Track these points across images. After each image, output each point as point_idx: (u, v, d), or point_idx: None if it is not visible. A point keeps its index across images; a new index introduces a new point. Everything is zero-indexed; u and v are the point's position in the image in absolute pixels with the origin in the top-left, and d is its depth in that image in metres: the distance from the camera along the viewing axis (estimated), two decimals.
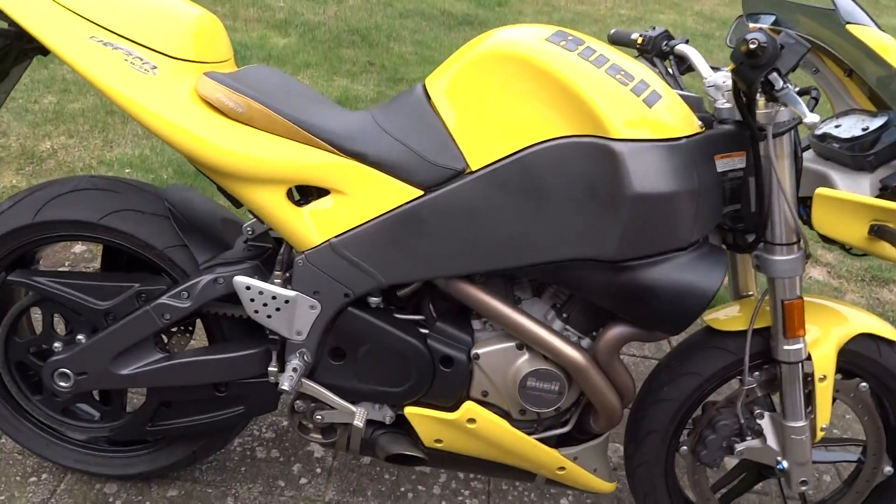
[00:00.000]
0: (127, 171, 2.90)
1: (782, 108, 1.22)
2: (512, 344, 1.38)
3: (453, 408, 1.42)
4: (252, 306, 1.37)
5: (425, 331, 1.42)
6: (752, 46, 1.07)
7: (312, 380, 1.42)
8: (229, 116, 1.29)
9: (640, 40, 1.58)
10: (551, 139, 1.22)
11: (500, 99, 1.25)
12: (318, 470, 1.81)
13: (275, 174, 1.30)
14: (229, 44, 1.44)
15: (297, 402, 1.47)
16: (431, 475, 1.84)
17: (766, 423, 1.48)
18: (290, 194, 1.34)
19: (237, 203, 1.38)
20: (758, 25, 1.52)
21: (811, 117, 1.10)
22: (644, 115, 1.20)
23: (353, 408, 1.42)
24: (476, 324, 1.42)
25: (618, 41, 1.67)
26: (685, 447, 1.54)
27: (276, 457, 1.83)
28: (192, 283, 1.37)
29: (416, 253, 1.30)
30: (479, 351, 1.39)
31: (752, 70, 1.10)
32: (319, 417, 1.47)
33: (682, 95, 1.31)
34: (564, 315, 1.38)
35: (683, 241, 1.23)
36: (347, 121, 1.35)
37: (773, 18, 1.59)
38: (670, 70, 1.55)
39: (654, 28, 1.59)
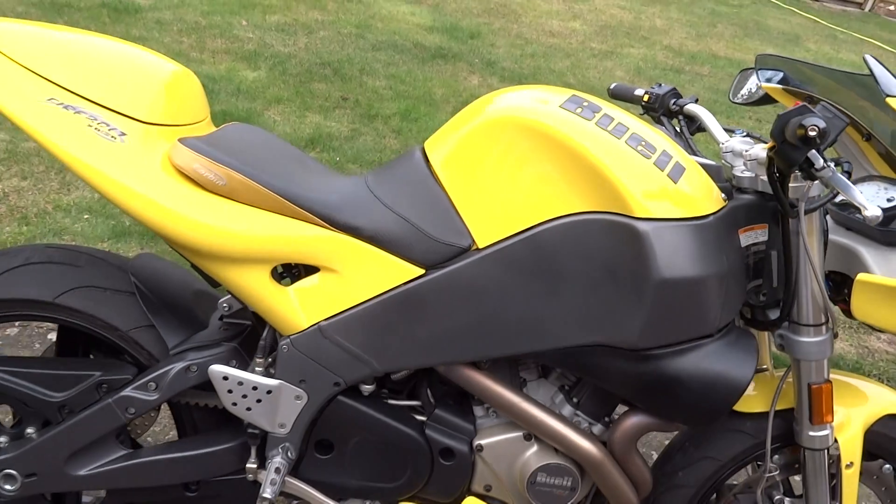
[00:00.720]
0: (86, 216, 2.71)
1: (814, 183, 1.13)
2: (519, 434, 1.26)
3: (457, 500, 1.29)
4: (230, 398, 1.22)
5: (422, 418, 1.28)
6: (811, 133, 0.98)
7: (296, 476, 1.27)
8: (207, 189, 1.15)
9: (646, 98, 1.49)
10: (566, 215, 1.12)
11: (510, 170, 1.14)
12: None
13: (259, 252, 1.16)
14: (206, 101, 1.31)
15: (278, 498, 1.31)
16: None
17: None
18: (274, 272, 1.20)
19: (214, 283, 1.24)
20: (773, 85, 1.45)
21: (872, 210, 1.00)
22: (669, 190, 1.10)
23: None
24: (478, 410, 1.29)
25: (620, 96, 1.58)
26: None
27: None
28: (160, 373, 1.22)
29: (415, 338, 1.17)
30: (483, 442, 1.26)
31: (796, 150, 1.01)
32: None
33: (702, 164, 1.22)
34: (574, 399, 1.27)
35: (711, 328, 1.13)
36: (339, 189, 1.22)
37: (780, 76, 1.52)
38: (678, 129, 1.46)
39: (660, 85, 1.51)
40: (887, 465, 1.40)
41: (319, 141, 3.58)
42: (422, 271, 1.16)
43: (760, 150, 1.17)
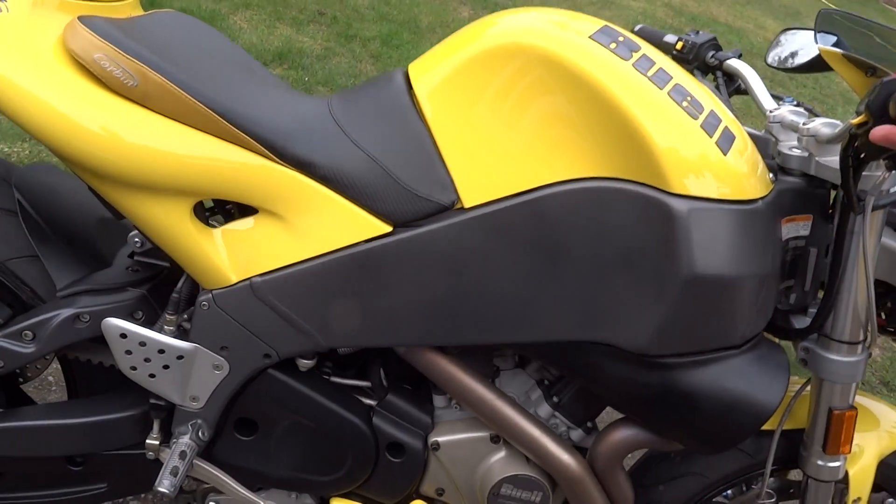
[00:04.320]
0: None
1: (891, 174, 0.91)
2: (485, 435, 1.04)
3: (402, 501, 1.08)
4: (128, 360, 0.96)
5: (371, 403, 1.05)
6: None
7: (208, 459, 1.04)
8: (112, 89, 0.87)
9: (679, 45, 1.23)
10: (580, 179, 0.87)
11: (515, 112, 0.88)
12: None
13: (177, 181, 0.88)
14: None
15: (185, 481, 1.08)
16: None
17: None
18: (198, 208, 0.93)
19: (118, 214, 0.96)
20: (832, 49, 1.20)
21: None
22: (715, 163, 0.86)
23: (259, 500, 1.05)
24: (439, 400, 1.07)
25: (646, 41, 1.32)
26: None
27: None
28: (40, 319, 0.95)
29: (373, 310, 0.93)
30: (441, 439, 1.04)
31: None
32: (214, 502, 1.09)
33: (749, 135, 0.98)
34: (555, 398, 1.05)
35: (739, 338, 0.91)
36: (293, 112, 0.95)
37: (834, 39, 1.28)
38: (715, 88, 1.21)
39: (697, 32, 1.25)
40: (891, 499, 1.24)
41: (288, 56, 3.22)
42: (389, 228, 0.91)
43: (824, 126, 0.94)
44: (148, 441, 1.02)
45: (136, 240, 1.02)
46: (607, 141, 0.86)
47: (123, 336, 0.95)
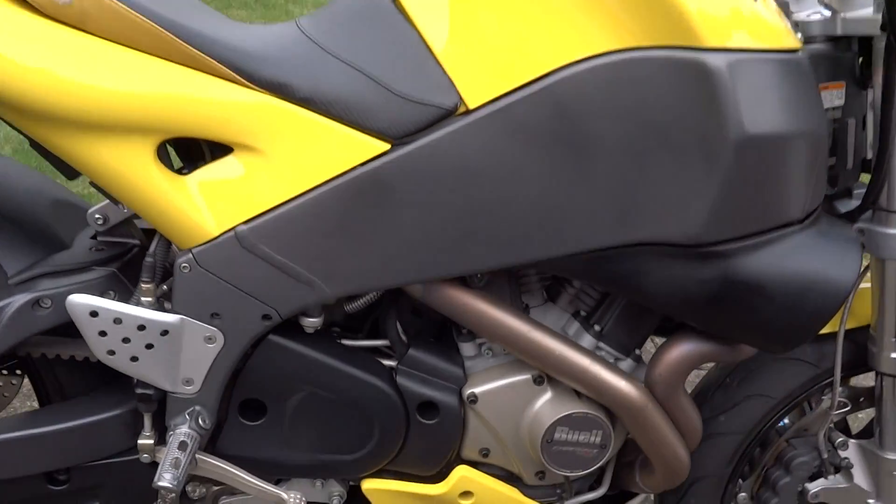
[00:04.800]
0: None
1: None
2: (527, 377, 0.92)
3: (438, 476, 0.94)
4: (103, 344, 0.82)
5: (391, 363, 0.92)
6: None
7: (214, 452, 0.90)
8: (42, 11, 0.74)
9: None
10: (598, 56, 0.76)
11: None
12: None
13: (131, 117, 0.75)
14: None
15: (190, 485, 0.93)
16: None
17: (852, 455, 1.09)
18: (162, 153, 0.80)
19: (70, 171, 0.82)
20: None
21: None
22: (749, 12, 0.76)
23: (279, 491, 0.91)
24: (468, 348, 0.94)
25: None
26: (743, 494, 1.13)
27: None
28: None
29: (381, 243, 0.80)
30: (477, 390, 0.91)
31: None
32: None
33: None
34: (596, 327, 0.93)
35: (801, 210, 0.81)
36: (260, 35, 0.83)
37: None
38: None
39: None
40: None
41: None
42: (387, 146, 0.79)
43: None
44: (140, 441, 0.87)
45: (98, 217, 0.88)
46: (622, 6, 0.75)
47: (94, 314, 0.81)
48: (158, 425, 0.87)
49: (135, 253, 0.91)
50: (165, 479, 0.79)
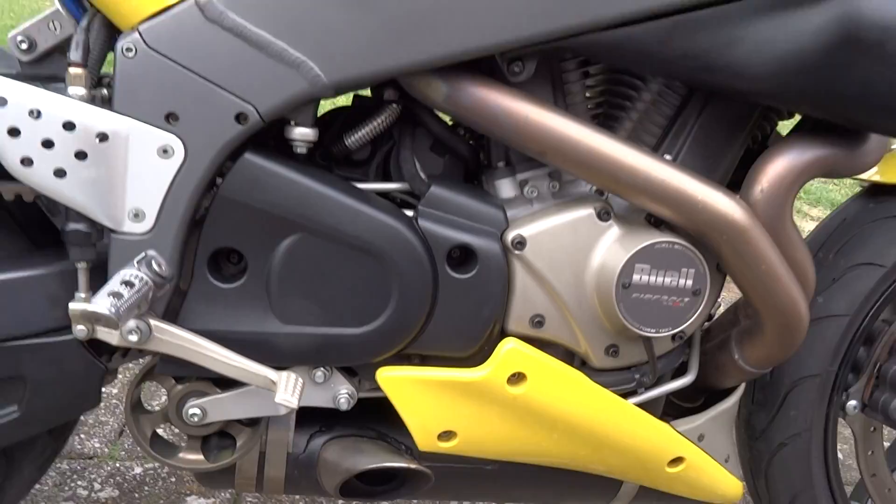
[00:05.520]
0: None
1: None
2: (588, 211, 0.70)
3: (477, 358, 0.71)
4: (15, 149, 0.59)
5: (410, 213, 0.70)
6: None
7: (177, 322, 0.66)
8: None
9: None
10: None
11: None
12: None
13: None
14: None
15: (146, 381, 0.69)
16: None
17: None
18: None
19: None
20: None
21: None
22: None
23: (266, 369, 0.66)
24: (505, 187, 0.72)
25: None
26: (853, 402, 0.90)
27: None
28: None
29: (385, 8, 0.60)
30: (525, 232, 0.69)
31: None
32: (197, 413, 0.70)
33: None
34: (667, 157, 0.72)
35: None
36: None
37: None
38: None
39: None
40: None
41: None
42: None
43: None
44: (73, 307, 0.62)
45: (22, 40, 0.67)
46: None
47: (2, 103, 0.58)
48: (98, 280, 0.63)
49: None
50: (100, 304, 0.55)
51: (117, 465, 1.09)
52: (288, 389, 0.62)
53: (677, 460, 0.77)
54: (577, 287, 0.70)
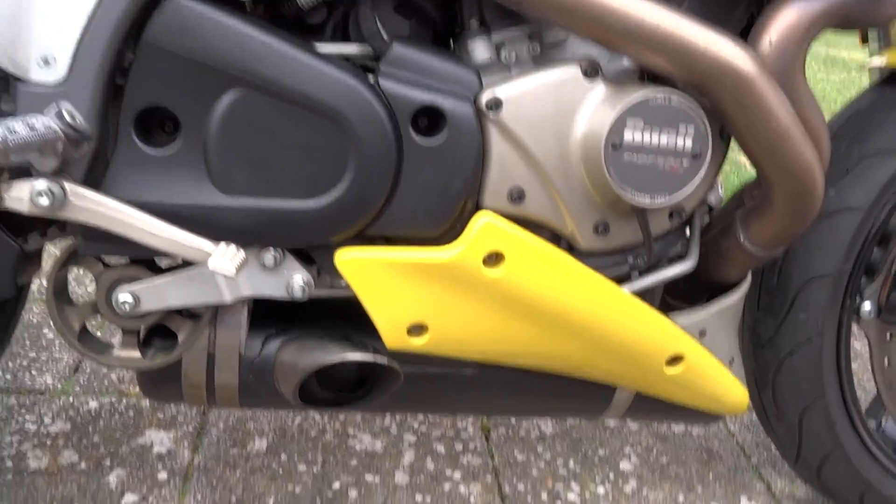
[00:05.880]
0: None
1: None
2: (573, 68, 0.61)
3: (447, 235, 0.62)
4: None
5: (369, 65, 0.62)
6: None
7: (100, 191, 0.57)
8: None
9: None
10: None
11: None
12: (163, 475, 0.91)
13: None
14: None
15: (70, 265, 0.61)
16: (390, 449, 0.97)
17: None
18: None
19: None
20: None
21: None
22: None
23: (200, 240, 0.58)
24: (479, 49, 0.64)
25: None
26: (867, 303, 0.82)
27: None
28: None
29: None
30: (500, 92, 0.61)
31: None
32: (128, 300, 0.61)
33: None
34: None
35: None
36: None
37: None
38: None
39: None
40: None
41: None
42: None
43: None
44: None
45: None
46: None
47: None
48: None
49: None
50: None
51: (70, 399, 1.01)
52: (226, 256, 0.54)
53: (676, 359, 0.69)
54: (562, 155, 0.61)
